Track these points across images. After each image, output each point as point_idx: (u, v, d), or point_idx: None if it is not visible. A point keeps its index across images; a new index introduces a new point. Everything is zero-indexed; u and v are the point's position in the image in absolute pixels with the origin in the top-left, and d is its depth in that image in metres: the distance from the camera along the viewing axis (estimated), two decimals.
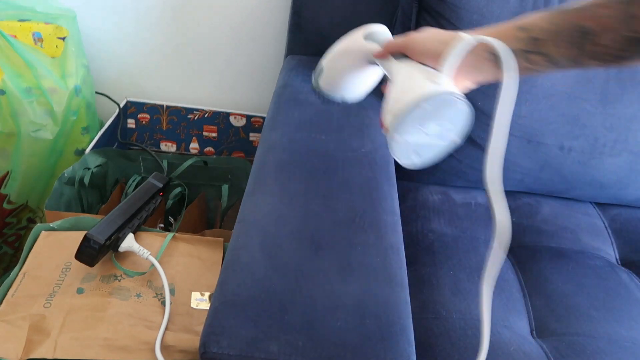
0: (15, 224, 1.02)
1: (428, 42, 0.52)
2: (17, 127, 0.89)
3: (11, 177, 0.94)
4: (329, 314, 0.45)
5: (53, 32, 0.97)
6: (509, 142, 0.79)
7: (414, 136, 0.49)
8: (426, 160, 0.52)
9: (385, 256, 0.53)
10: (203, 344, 0.43)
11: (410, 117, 0.48)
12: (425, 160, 0.52)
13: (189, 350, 0.58)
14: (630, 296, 0.70)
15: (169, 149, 1.24)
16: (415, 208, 0.82)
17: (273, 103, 0.78)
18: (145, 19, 1.09)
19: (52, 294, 0.61)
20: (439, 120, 0.49)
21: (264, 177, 0.61)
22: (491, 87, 0.76)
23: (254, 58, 1.14)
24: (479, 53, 0.49)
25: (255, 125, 1.20)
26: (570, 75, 0.75)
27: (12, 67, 0.88)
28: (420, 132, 0.49)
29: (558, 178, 0.83)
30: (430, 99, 0.46)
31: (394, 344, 0.44)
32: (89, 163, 0.95)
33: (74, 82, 0.95)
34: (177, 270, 0.67)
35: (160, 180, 0.79)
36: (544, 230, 0.80)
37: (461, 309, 0.64)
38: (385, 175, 0.66)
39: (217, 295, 0.46)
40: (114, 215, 0.67)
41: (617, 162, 0.80)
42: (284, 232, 0.53)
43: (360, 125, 0.72)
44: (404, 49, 0.54)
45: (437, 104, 0.47)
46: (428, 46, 0.51)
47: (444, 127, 0.50)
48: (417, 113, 0.47)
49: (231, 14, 1.08)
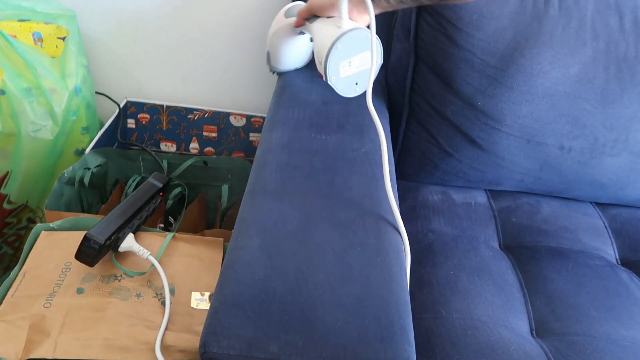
0: (15, 224, 1.02)
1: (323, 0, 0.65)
2: (17, 127, 0.89)
3: (11, 177, 0.94)
4: (329, 314, 0.45)
5: (53, 32, 0.97)
6: (509, 142, 0.79)
7: (346, 71, 0.63)
8: (364, 85, 0.66)
9: (385, 256, 0.53)
10: (203, 344, 0.43)
11: (332, 59, 0.61)
12: (364, 85, 0.66)
13: (189, 350, 0.58)
14: (630, 296, 0.70)
15: (169, 149, 1.24)
16: (415, 208, 0.82)
17: (273, 103, 0.78)
18: (145, 19, 1.09)
19: (52, 294, 0.61)
20: (357, 52, 0.63)
21: (264, 177, 0.61)
22: (490, 87, 0.76)
23: (254, 58, 1.14)
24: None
25: (255, 125, 1.20)
26: (570, 75, 0.75)
27: (12, 67, 0.88)
28: (350, 67, 0.63)
29: (558, 178, 0.83)
30: (339, 39, 0.60)
31: (394, 344, 0.44)
32: (89, 163, 0.95)
33: (74, 82, 0.95)
34: (177, 270, 0.67)
35: (160, 180, 0.79)
36: (544, 230, 0.80)
37: (461, 309, 0.64)
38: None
39: (217, 295, 0.46)
40: (114, 215, 0.67)
41: (617, 162, 0.80)
42: (284, 232, 0.53)
43: (360, 125, 0.72)
44: (312, 11, 0.68)
45: (347, 41, 0.61)
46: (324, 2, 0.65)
47: (364, 55, 0.63)
48: (336, 54, 0.61)
49: (231, 14, 1.08)
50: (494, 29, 0.73)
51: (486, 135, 0.79)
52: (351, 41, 0.61)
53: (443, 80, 0.78)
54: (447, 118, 0.80)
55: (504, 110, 0.77)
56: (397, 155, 0.88)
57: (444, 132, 0.81)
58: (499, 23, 0.73)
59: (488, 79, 0.75)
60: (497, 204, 0.86)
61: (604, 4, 0.74)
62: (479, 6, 0.73)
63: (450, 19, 0.74)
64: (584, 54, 0.74)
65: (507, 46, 0.74)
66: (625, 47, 0.75)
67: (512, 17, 0.73)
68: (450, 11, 0.74)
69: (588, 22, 0.74)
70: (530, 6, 0.73)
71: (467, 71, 0.76)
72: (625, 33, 0.74)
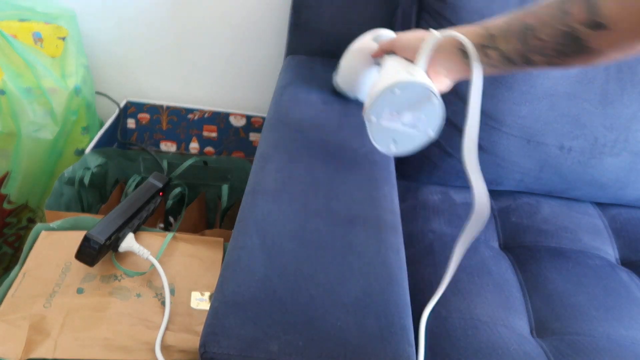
0: (15, 224, 1.02)
1: (409, 40, 0.59)
2: (17, 127, 0.89)
3: (11, 177, 0.94)
4: (329, 314, 0.45)
5: (53, 32, 0.97)
6: (509, 142, 0.79)
7: (390, 122, 0.54)
8: (402, 149, 0.56)
9: (385, 256, 0.53)
10: (203, 344, 0.43)
11: (383, 100, 0.52)
12: (402, 149, 0.56)
13: (189, 350, 0.58)
14: (630, 296, 0.70)
15: (169, 149, 1.24)
16: (415, 208, 0.82)
17: (273, 103, 0.78)
18: (145, 19, 1.09)
19: (52, 294, 0.61)
20: (413, 112, 0.53)
21: (264, 177, 0.61)
22: (490, 87, 0.76)
23: (254, 58, 1.14)
24: (450, 50, 0.54)
25: (255, 125, 1.20)
26: (571, 75, 0.75)
27: (12, 67, 0.88)
28: (396, 120, 0.54)
29: (558, 178, 0.83)
30: (401, 84, 0.51)
31: (394, 344, 0.44)
32: (89, 163, 0.95)
33: (74, 82, 0.95)
34: (177, 270, 0.67)
35: (160, 180, 0.79)
36: (544, 230, 0.80)
37: (461, 309, 0.64)
38: (385, 175, 0.66)
39: (217, 295, 0.46)
40: (114, 215, 0.67)
41: (617, 162, 0.80)
42: (284, 232, 0.53)
43: (361, 125, 0.72)
44: (393, 47, 0.61)
45: (408, 92, 0.52)
46: (410, 43, 0.58)
47: (419, 119, 0.54)
48: (390, 97, 0.52)
49: (231, 14, 1.08)
50: None
51: (486, 135, 0.79)
52: (413, 94, 0.52)
53: None
54: (447, 118, 0.80)
55: (504, 110, 0.77)
56: None
57: (444, 132, 0.81)
58: None
59: (488, 79, 0.75)
60: (497, 203, 0.86)
61: None
62: (479, 6, 0.73)
63: (450, 19, 0.74)
64: None
65: None
66: None
67: None
68: (451, 11, 0.74)
69: None
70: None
71: None
72: None
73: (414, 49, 0.56)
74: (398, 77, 0.52)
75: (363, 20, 0.93)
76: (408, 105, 0.53)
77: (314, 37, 0.95)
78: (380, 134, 0.55)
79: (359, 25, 0.94)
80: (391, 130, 0.55)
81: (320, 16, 0.93)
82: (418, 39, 0.57)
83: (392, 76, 0.53)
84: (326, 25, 0.94)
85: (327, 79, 0.83)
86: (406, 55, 0.58)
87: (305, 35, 0.95)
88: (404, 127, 0.55)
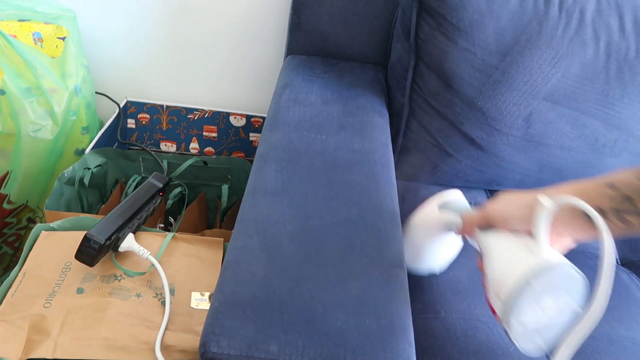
0: (15, 224, 1.02)
1: (511, 210, 0.50)
2: (17, 127, 0.89)
3: (11, 177, 0.94)
4: (329, 314, 0.45)
5: (53, 32, 0.97)
6: (509, 142, 0.79)
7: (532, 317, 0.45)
8: (551, 338, 0.46)
9: (385, 256, 0.53)
10: (203, 344, 0.43)
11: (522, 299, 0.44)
12: (551, 339, 0.46)
13: (189, 350, 0.58)
14: (630, 296, 0.70)
15: (169, 149, 1.24)
16: (415, 208, 0.82)
17: (273, 103, 0.78)
18: (145, 19, 1.09)
19: (52, 294, 0.61)
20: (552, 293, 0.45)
21: (264, 177, 0.61)
22: (490, 87, 0.76)
23: (254, 58, 1.14)
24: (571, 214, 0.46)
25: (255, 125, 1.20)
26: (571, 76, 0.75)
27: (12, 67, 0.88)
28: (537, 310, 0.45)
29: (558, 178, 0.83)
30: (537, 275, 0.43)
31: (394, 344, 0.44)
32: (89, 163, 0.95)
33: (74, 82, 0.95)
34: (177, 270, 0.67)
35: (160, 180, 0.79)
36: None
37: (461, 309, 0.64)
38: (385, 175, 0.66)
39: (217, 295, 0.46)
40: (114, 215, 0.67)
41: (617, 162, 0.80)
42: (284, 232, 0.53)
43: (360, 125, 0.72)
44: (490, 222, 0.52)
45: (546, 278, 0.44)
46: (512, 214, 0.49)
47: (561, 299, 0.45)
48: (530, 293, 0.44)
49: (231, 14, 1.08)
50: (494, 29, 0.73)
51: (486, 135, 0.79)
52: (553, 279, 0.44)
53: (443, 80, 0.78)
54: (447, 118, 0.80)
55: (504, 110, 0.77)
56: (397, 155, 0.88)
57: (444, 132, 0.81)
58: (499, 23, 0.73)
59: (488, 79, 0.75)
60: None
61: (604, 4, 0.74)
62: (479, 6, 0.73)
63: (450, 19, 0.74)
64: (584, 54, 0.74)
65: (508, 46, 0.74)
66: (625, 47, 0.75)
67: (513, 17, 0.73)
68: (451, 11, 0.74)
69: (588, 22, 0.74)
70: (531, 6, 0.73)
71: (467, 71, 0.76)
72: (625, 33, 0.74)
73: (522, 220, 0.48)
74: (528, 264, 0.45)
75: (363, 20, 0.93)
76: (547, 291, 0.45)
77: (314, 37, 0.95)
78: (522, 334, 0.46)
79: (358, 25, 0.94)
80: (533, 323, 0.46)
81: (320, 16, 0.93)
82: (522, 207, 0.48)
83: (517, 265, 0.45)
84: (326, 25, 0.94)
85: (327, 78, 0.83)
86: (513, 228, 0.49)
87: (305, 35, 0.95)
88: (546, 314, 0.45)
